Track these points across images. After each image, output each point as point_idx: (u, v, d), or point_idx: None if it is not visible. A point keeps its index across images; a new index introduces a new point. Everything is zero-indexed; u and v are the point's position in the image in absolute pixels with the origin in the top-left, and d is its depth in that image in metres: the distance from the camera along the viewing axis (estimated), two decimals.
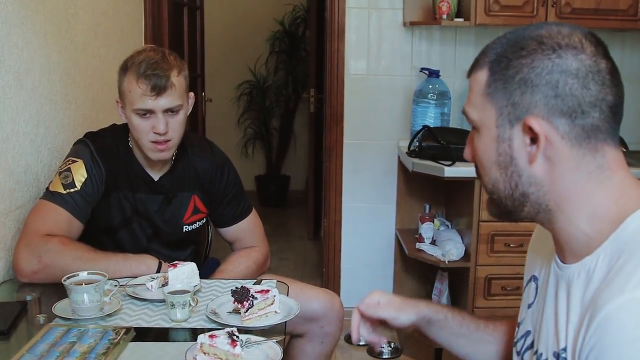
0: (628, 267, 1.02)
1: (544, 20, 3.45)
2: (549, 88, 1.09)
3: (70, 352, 1.59)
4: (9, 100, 2.10)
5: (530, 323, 1.31)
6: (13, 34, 2.12)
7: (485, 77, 1.16)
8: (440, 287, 3.71)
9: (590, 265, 1.11)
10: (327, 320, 2.37)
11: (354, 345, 3.83)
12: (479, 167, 1.22)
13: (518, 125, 1.12)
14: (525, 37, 1.14)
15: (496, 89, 1.14)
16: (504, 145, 1.15)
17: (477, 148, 1.20)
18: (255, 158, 7.20)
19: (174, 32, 3.92)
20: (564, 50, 1.10)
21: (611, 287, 1.02)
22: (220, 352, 1.52)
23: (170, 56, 2.17)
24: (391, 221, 4.10)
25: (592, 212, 1.12)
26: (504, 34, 1.20)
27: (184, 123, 2.20)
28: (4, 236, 2.09)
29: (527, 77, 1.10)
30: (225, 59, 6.90)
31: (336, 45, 3.93)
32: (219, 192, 2.38)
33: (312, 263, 5.22)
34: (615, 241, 1.08)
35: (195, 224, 2.38)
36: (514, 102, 1.12)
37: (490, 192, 1.21)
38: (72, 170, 2.16)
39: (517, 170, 1.15)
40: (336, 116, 4.00)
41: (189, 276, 1.98)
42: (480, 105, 1.17)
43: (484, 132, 1.17)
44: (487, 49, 1.19)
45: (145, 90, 2.08)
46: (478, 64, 1.19)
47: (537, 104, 1.10)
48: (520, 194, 1.16)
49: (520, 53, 1.12)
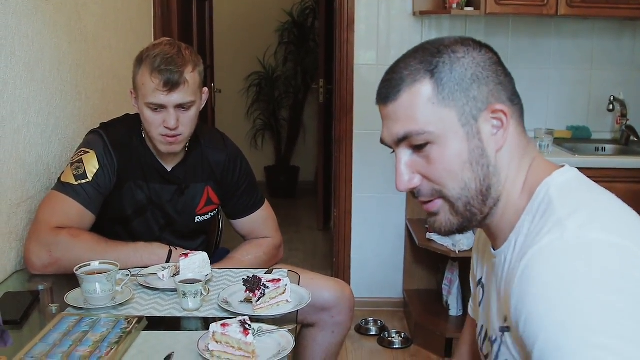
0: (540, 224, 1.10)
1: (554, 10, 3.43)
2: (494, 77, 1.17)
3: (83, 341, 1.60)
4: (19, 91, 2.10)
5: (482, 318, 1.36)
6: (23, 24, 2.12)
7: (429, 87, 1.15)
8: (450, 277, 3.71)
9: (515, 237, 1.17)
10: (338, 309, 2.37)
11: (364, 336, 3.84)
12: (442, 180, 1.17)
13: (482, 117, 1.16)
14: (436, 45, 1.20)
15: (451, 91, 1.15)
16: (474, 141, 1.16)
17: (440, 159, 1.16)
18: (265, 149, 7.20)
19: (183, 23, 3.92)
20: (480, 46, 1.20)
21: (527, 244, 1.10)
22: (232, 340, 1.52)
23: (187, 51, 2.16)
24: (401, 211, 4.10)
25: (522, 189, 1.19)
26: (401, 60, 1.22)
27: (195, 118, 2.19)
28: (16, 226, 2.10)
29: (476, 71, 1.16)
30: (234, 50, 6.89)
31: (345, 36, 3.92)
32: (232, 184, 2.38)
33: (322, 254, 5.23)
34: (530, 211, 1.16)
35: (207, 214, 2.39)
36: (474, 97, 1.15)
37: (457, 199, 1.18)
38: (84, 161, 2.16)
39: (487, 161, 1.17)
40: (346, 106, 3.99)
41: (201, 265, 1.98)
42: (433, 115, 1.15)
43: (449, 137, 1.15)
44: (397, 70, 1.20)
45: (158, 85, 2.08)
46: (403, 83, 1.17)
47: (491, 93, 1.16)
48: (486, 188, 1.17)
49: (455, 55, 1.17)
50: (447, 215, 1.20)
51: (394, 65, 1.22)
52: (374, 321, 3.95)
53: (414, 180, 1.20)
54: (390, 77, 1.20)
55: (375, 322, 3.95)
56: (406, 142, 1.18)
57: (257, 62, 7.03)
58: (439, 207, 1.20)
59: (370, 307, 4.08)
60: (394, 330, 3.84)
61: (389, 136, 1.21)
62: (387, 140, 1.23)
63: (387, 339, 3.76)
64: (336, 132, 4.16)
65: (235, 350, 1.52)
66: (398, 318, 4.08)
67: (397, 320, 4.05)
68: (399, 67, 1.20)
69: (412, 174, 1.20)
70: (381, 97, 1.21)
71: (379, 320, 3.96)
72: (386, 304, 4.17)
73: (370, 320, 3.95)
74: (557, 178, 1.17)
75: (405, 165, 1.20)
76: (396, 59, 1.25)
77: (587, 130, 3.94)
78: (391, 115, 1.19)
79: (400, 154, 1.20)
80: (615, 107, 3.82)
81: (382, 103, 1.21)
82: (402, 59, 1.22)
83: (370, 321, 3.95)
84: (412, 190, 1.21)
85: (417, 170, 1.19)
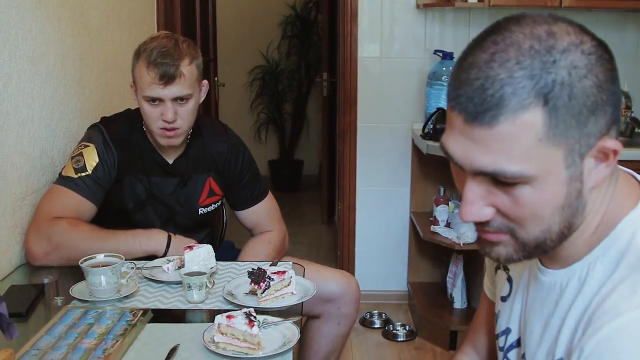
0: (628, 283, 0.93)
1: (558, 2, 3.42)
2: (613, 100, 0.91)
3: (88, 334, 1.60)
4: (23, 85, 2.10)
5: (509, 320, 1.22)
6: (27, 18, 2.12)
7: (540, 119, 0.87)
8: (455, 269, 3.71)
9: (581, 272, 1.02)
10: (344, 301, 2.37)
11: (369, 328, 3.84)
12: (523, 222, 0.96)
13: (589, 155, 0.92)
14: (548, 46, 0.88)
15: (566, 127, 0.88)
16: (575, 184, 0.93)
17: (530, 204, 0.93)
18: (269, 143, 7.20)
19: (186, 16, 3.91)
20: (597, 52, 0.91)
21: (610, 305, 0.93)
22: (237, 332, 1.53)
23: (184, 44, 2.16)
24: (405, 204, 4.10)
25: (601, 219, 1.01)
26: (497, 46, 0.90)
27: (194, 111, 2.20)
28: (21, 220, 2.10)
29: (598, 97, 0.88)
30: (237, 43, 6.89)
31: (349, 29, 3.91)
32: (234, 174, 2.38)
33: (326, 247, 5.23)
34: (609, 249, 0.99)
35: (210, 206, 2.39)
36: (588, 132, 0.90)
37: (532, 240, 0.97)
38: (84, 154, 2.18)
39: (580, 202, 0.96)
40: (350, 100, 3.99)
41: (205, 258, 1.98)
42: (537, 154, 0.89)
43: (549, 181, 0.91)
44: (494, 78, 0.87)
45: (154, 78, 2.09)
46: (505, 106, 0.87)
47: (607, 123, 0.91)
48: (568, 228, 0.97)
49: (576, 73, 0.87)
50: (509, 250, 1.00)
51: (485, 66, 0.89)
52: (379, 314, 3.95)
53: (485, 212, 0.96)
54: (483, 86, 0.88)
55: (379, 315, 3.95)
56: (490, 176, 0.94)
57: (260, 56, 7.02)
58: (502, 241, 1.00)
59: (374, 300, 4.08)
60: (399, 323, 3.84)
61: (467, 161, 0.93)
62: (461, 162, 0.95)
63: (391, 332, 3.76)
64: (340, 125, 4.16)
65: (241, 341, 1.53)
66: (402, 311, 4.08)
67: (402, 313, 4.05)
68: (495, 73, 0.88)
69: (486, 206, 0.96)
70: (465, 110, 0.91)
71: (384, 313, 3.96)
72: (390, 296, 4.18)
73: (375, 313, 3.95)
74: None
75: (480, 196, 0.96)
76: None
77: None
78: (477, 140, 0.91)
79: (475, 183, 0.96)
80: None
81: (463, 117, 0.91)
82: (497, 55, 0.89)
83: (374, 314, 3.95)
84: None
85: (493, 203, 0.96)
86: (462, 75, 0.91)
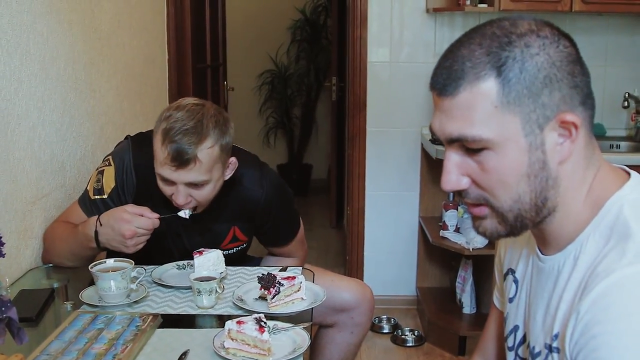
0: (617, 249, 1.01)
1: (569, 7, 3.41)
2: (569, 80, 1.03)
3: (98, 339, 1.60)
4: (34, 89, 2.11)
5: (516, 317, 1.28)
6: (38, 22, 2.12)
7: (494, 87, 1.01)
8: (464, 274, 3.70)
9: (576, 251, 1.09)
10: (359, 311, 2.35)
11: (377, 333, 3.83)
12: (493, 190, 1.07)
13: (548, 126, 1.03)
14: (508, 32, 1.03)
15: (519, 95, 1.01)
16: (536, 153, 1.03)
17: (495, 169, 1.04)
18: (277, 147, 7.20)
19: (196, 21, 3.92)
20: (557, 39, 1.04)
21: (602, 268, 1.00)
22: (248, 338, 1.52)
23: (210, 121, 1.91)
24: (414, 209, 4.09)
25: (584, 200, 1.09)
26: (467, 36, 1.07)
27: (213, 191, 2.00)
28: (31, 224, 2.10)
29: (550, 72, 1.01)
30: (246, 48, 6.89)
31: (358, 33, 3.91)
32: (264, 222, 2.24)
33: (335, 251, 5.22)
34: (599, 226, 1.06)
35: (233, 250, 2.24)
36: (543, 103, 1.02)
37: (507, 211, 1.07)
38: (105, 174, 2.09)
39: (547, 174, 1.05)
40: (359, 104, 3.98)
41: (215, 263, 1.98)
42: (494, 120, 1.02)
43: (508, 147, 1.03)
44: (459, 58, 1.04)
45: (166, 157, 1.88)
46: (464, 77, 1.02)
47: (563, 99, 1.02)
48: (542, 200, 1.07)
49: (529, 51, 1.01)
50: (494, 223, 1.10)
51: (454, 49, 1.06)
52: (387, 319, 3.94)
53: (461, 182, 1.08)
54: (450, 65, 1.05)
55: (388, 320, 3.94)
56: (459, 143, 1.06)
57: (269, 60, 7.02)
58: (486, 214, 1.10)
59: (383, 305, 4.06)
60: (407, 328, 3.83)
61: (440, 131, 1.08)
62: (437, 134, 1.10)
63: (400, 337, 3.75)
64: (349, 130, 4.15)
65: (251, 347, 1.52)
66: (411, 316, 4.07)
67: (410, 318, 4.04)
68: (460, 53, 1.04)
69: (461, 175, 1.08)
70: (436, 86, 1.07)
71: (392, 318, 3.95)
72: (399, 301, 4.16)
73: (384, 318, 3.94)
74: (629, 194, 1.07)
75: (455, 164, 1.08)
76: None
77: (601, 128, 3.90)
78: (446, 110, 1.06)
79: (451, 152, 1.08)
80: (630, 104, 3.79)
81: (436, 93, 1.07)
82: (465, 41, 1.06)
83: (383, 319, 3.94)
84: (460, 191, 1.11)
85: (467, 173, 1.08)
86: (439, 62, 1.08)
